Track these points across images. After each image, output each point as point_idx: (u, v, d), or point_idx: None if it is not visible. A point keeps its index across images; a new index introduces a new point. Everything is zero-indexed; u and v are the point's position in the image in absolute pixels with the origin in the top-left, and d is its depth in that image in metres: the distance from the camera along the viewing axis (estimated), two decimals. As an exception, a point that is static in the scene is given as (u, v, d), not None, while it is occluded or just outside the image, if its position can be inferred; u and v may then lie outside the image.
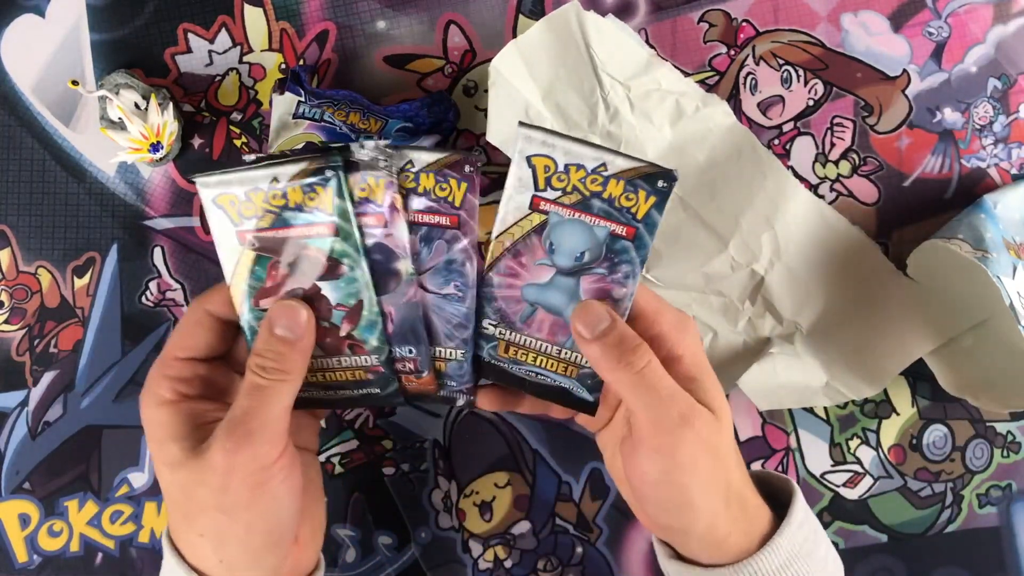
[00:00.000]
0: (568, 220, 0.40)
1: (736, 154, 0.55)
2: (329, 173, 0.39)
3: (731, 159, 0.55)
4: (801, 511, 0.43)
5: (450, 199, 0.40)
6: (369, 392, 0.44)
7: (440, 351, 0.43)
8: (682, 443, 0.39)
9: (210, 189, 0.40)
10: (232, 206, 0.40)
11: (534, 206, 0.40)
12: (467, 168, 0.40)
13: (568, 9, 0.53)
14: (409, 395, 0.44)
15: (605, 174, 0.39)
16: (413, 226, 0.40)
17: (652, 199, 0.39)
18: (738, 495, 0.41)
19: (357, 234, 0.40)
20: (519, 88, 0.53)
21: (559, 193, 0.40)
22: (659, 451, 0.40)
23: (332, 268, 0.41)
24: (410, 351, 0.42)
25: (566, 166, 0.39)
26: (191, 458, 0.39)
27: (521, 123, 0.40)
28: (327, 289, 0.41)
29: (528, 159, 0.40)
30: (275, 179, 0.39)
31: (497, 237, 0.41)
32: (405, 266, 0.41)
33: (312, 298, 0.41)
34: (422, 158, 0.39)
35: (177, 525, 0.42)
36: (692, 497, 0.40)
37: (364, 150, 0.39)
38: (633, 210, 0.40)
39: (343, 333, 0.42)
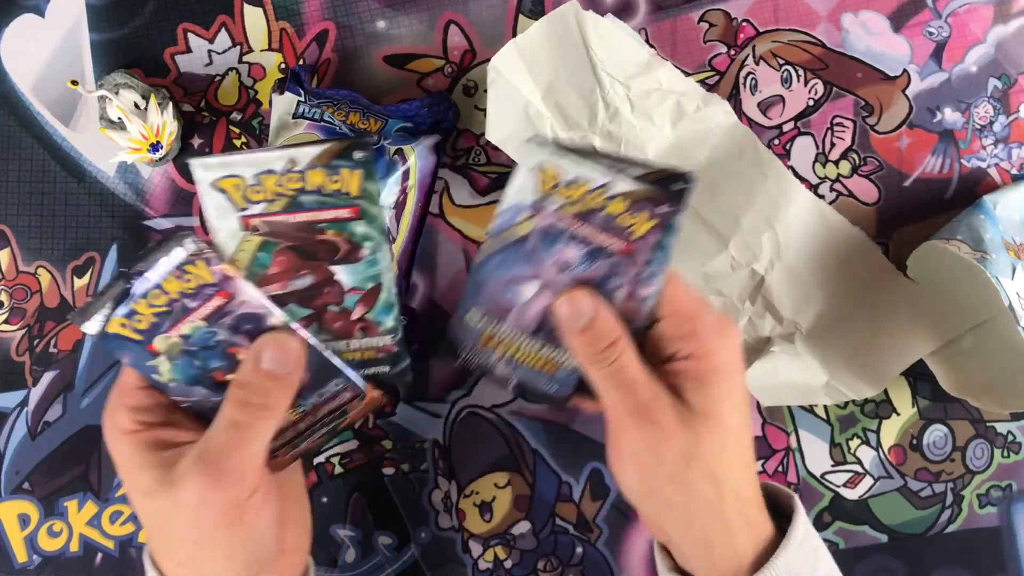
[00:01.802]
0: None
1: (737, 154, 0.55)
2: (359, 155, 0.38)
3: (732, 159, 0.55)
4: (801, 530, 0.41)
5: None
6: (377, 371, 0.43)
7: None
8: (641, 439, 0.38)
9: (210, 171, 0.39)
10: (236, 190, 0.39)
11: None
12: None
13: (567, 9, 0.53)
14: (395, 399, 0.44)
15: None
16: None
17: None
18: (738, 508, 0.40)
19: (384, 216, 0.39)
20: (518, 87, 0.53)
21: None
22: (620, 447, 0.39)
23: (352, 252, 0.40)
24: (337, 384, 0.42)
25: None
26: (162, 487, 0.38)
27: (531, 140, 0.39)
28: (342, 273, 0.40)
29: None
30: (293, 160, 0.38)
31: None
32: (279, 318, 0.40)
33: (324, 283, 0.40)
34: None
35: (157, 551, 0.41)
36: (670, 499, 0.39)
37: (182, 248, 0.38)
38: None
39: (355, 316, 0.41)
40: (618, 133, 0.54)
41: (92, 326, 0.39)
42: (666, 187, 0.38)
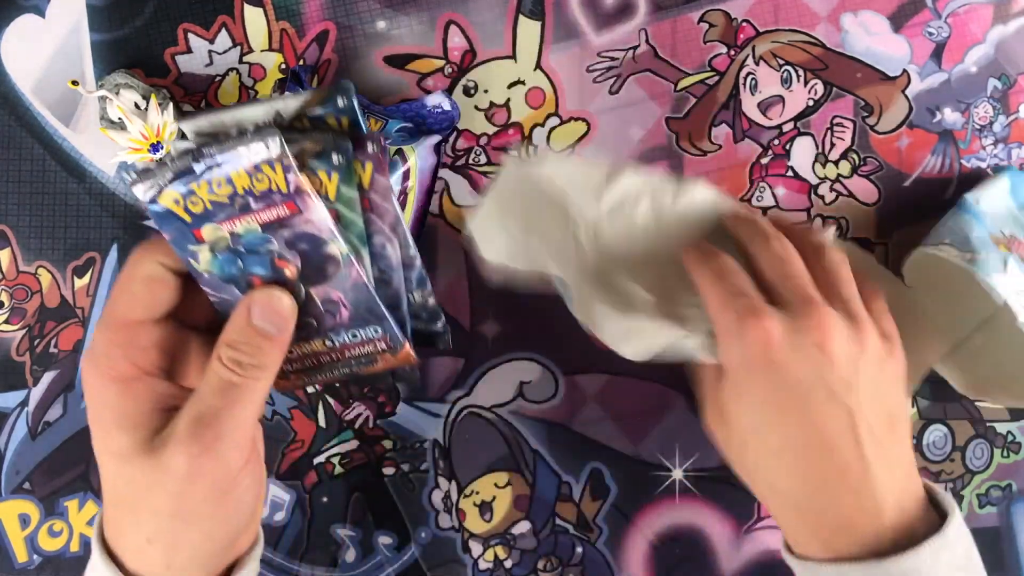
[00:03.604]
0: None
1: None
2: (336, 159, 0.37)
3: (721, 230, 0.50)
4: (956, 526, 0.37)
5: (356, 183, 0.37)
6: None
7: None
8: (737, 358, 0.38)
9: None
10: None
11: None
12: (370, 147, 0.37)
13: (509, 168, 0.49)
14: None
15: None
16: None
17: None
18: (878, 451, 0.37)
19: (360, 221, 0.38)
20: (499, 244, 0.49)
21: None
22: (727, 374, 0.39)
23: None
24: (375, 331, 0.40)
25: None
26: (145, 454, 0.34)
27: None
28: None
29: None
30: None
31: None
32: (338, 247, 0.38)
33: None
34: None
35: (118, 524, 0.37)
36: (765, 440, 0.37)
37: (265, 148, 0.36)
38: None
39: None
40: (608, 248, 0.49)
41: (144, 191, 0.36)
42: (331, 104, 0.37)
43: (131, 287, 0.37)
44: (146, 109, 0.55)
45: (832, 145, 0.57)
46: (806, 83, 0.57)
